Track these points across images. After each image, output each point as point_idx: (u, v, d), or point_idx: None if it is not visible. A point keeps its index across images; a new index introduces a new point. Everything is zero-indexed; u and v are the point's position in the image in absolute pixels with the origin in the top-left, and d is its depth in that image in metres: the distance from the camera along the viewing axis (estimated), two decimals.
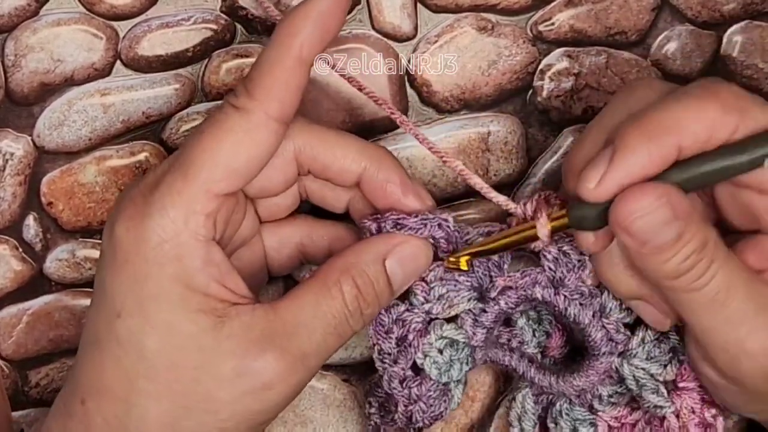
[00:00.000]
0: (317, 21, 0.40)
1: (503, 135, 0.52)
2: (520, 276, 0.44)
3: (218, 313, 0.39)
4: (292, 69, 0.40)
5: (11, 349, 0.52)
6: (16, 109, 0.50)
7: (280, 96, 0.40)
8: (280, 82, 0.40)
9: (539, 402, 0.47)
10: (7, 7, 0.49)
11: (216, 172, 0.39)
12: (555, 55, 0.51)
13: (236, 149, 0.40)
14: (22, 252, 0.51)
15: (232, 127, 0.40)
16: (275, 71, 0.40)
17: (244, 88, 0.40)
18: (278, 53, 0.40)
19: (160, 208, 0.39)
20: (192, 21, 0.50)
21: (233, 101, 0.40)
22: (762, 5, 0.51)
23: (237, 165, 0.40)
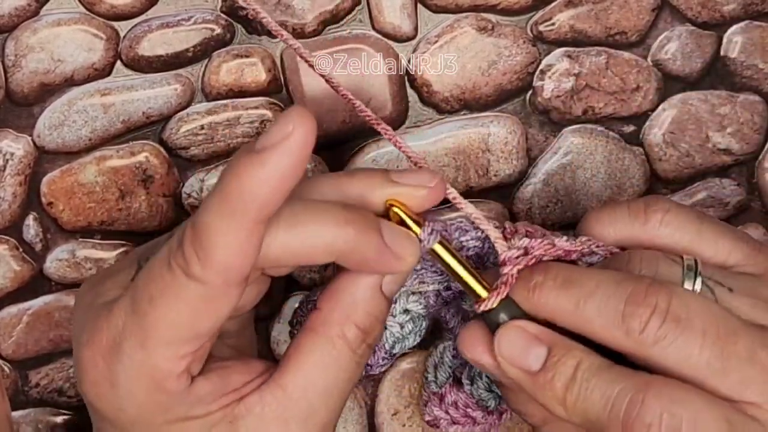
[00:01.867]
0: (274, 182, 0.34)
1: (503, 135, 0.52)
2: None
3: (229, 418, 0.38)
4: (248, 237, 0.34)
5: (11, 349, 0.52)
6: (16, 109, 0.50)
7: (239, 264, 0.35)
8: (238, 250, 0.34)
9: (458, 357, 0.46)
10: (7, 7, 0.49)
11: (176, 341, 0.36)
12: (555, 56, 0.51)
13: (194, 318, 0.36)
14: (22, 252, 0.51)
15: (186, 298, 0.35)
16: (231, 241, 0.34)
17: (196, 255, 0.34)
18: (231, 220, 0.34)
19: (125, 382, 0.37)
20: (192, 21, 0.50)
21: (185, 269, 0.35)
22: (762, 5, 0.51)
23: (198, 331, 0.36)
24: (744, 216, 0.54)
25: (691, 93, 0.53)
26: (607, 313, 0.37)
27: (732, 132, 0.53)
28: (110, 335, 0.37)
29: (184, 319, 0.36)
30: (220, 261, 0.34)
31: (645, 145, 0.53)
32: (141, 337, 0.36)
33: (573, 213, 0.53)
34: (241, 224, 0.34)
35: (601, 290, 0.37)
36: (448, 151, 0.52)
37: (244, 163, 0.34)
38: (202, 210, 0.35)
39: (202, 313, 0.36)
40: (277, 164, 0.33)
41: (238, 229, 0.34)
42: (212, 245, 0.34)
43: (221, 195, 0.34)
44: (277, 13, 0.50)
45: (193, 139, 0.51)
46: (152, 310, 0.36)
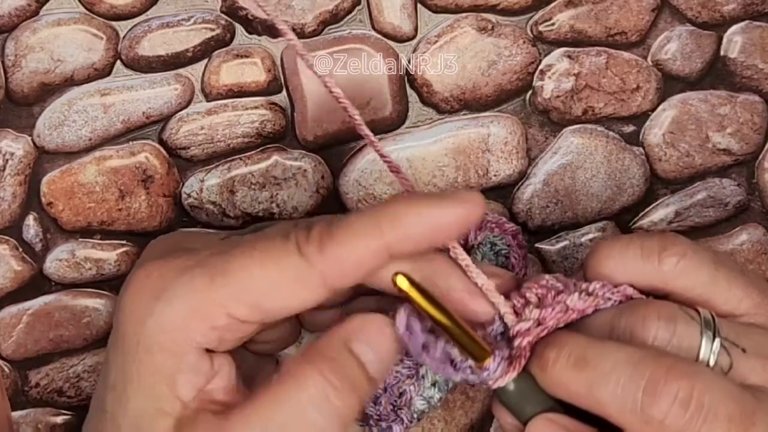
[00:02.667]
0: (428, 228, 0.36)
1: (503, 135, 0.52)
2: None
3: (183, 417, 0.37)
4: (374, 253, 0.36)
5: (11, 349, 0.52)
6: (16, 109, 0.50)
7: (346, 271, 0.36)
8: (355, 259, 0.36)
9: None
10: (7, 7, 0.49)
11: (242, 297, 0.36)
12: (555, 56, 0.52)
13: (274, 290, 0.36)
14: (22, 252, 0.51)
15: (283, 267, 0.36)
16: (356, 246, 0.35)
17: (320, 238, 0.36)
18: (372, 231, 0.35)
19: (171, 298, 0.37)
20: (192, 21, 0.50)
21: (302, 242, 0.36)
22: (762, 5, 0.51)
23: (266, 304, 0.36)
24: (744, 216, 0.54)
25: (691, 93, 0.53)
26: (625, 400, 0.35)
27: (732, 132, 0.53)
28: (187, 260, 0.37)
29: (264, 283, 0.36)
30: (333, 255, 0.35)
31: (645, 145, 0.53)
32: (213, 272, 0.36)
33: (573, 213, 0.53)
34: (371, 243, 0.35)
35: (617, 373, 0.36)
36: (448, 151, 0.52)
37: (411, 199, 0.36)
38: (349, 215, 0.36)
39: (282, 289, 0.36)
40: (436, 209, 0.35)
41: (367, 244, 0.35)
42: (338, 240, 0.35)
43: (376, 211, 0.36)
44: (277, 13, 0.50)
45: (193, 139, 0.51)
46: (244, 257, 0.36)
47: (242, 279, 0.36)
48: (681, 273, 0.39)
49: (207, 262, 0.37)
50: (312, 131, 0.51)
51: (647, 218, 0.54)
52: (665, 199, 0.54)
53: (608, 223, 0.54)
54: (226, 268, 0.36)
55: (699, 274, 0.39)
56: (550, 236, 0.54)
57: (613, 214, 0.53)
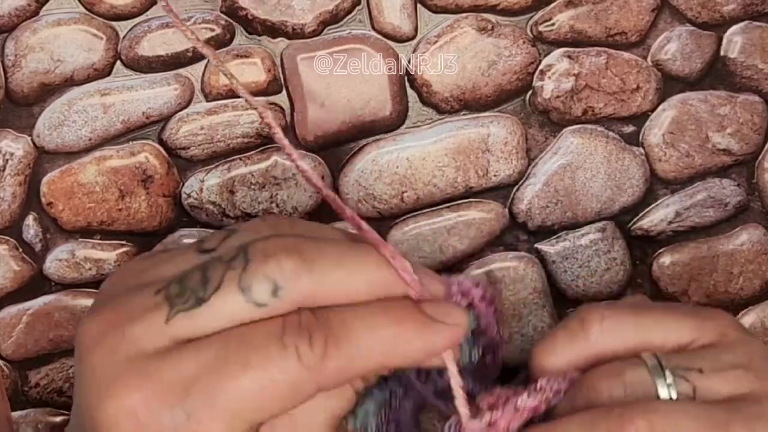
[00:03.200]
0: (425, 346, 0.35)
1: (503, 135, 0.52)
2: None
3: None
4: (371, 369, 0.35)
5: (11, 349, 0.52)
6: (16, 109, 0.50)
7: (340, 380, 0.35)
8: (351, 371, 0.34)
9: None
10: (7, 7, 0.49)
11: (241, 416, 0.34)
12: (555, 56, 0.52)
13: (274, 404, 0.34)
14: (22, 252, 0.51)
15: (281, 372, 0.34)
16: (357, 364, 0.34)
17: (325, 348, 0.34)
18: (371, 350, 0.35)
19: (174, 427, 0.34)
20: (192, 21, 0.50)
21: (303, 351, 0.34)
22: (762, 6, 0.51)
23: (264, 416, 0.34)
24: (744, 216, 0.54)
25: (691, 93, 0.53)
26: None
27: (732, 132, 0.53)
28: (172, 380, 0.34)
29: (265, 403, 0.34)
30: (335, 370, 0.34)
31: (645, 146, 0.53)
32: (212, 395, 0.34)
33: (573, 213, 0.53)
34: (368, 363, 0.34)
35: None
36: (448, 152, 0.52)
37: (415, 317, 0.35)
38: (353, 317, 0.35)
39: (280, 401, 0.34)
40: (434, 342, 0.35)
41: (365, 364, 0.35)
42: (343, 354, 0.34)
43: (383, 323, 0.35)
44: (277, 13, 0.50)
45: (192, 140, 0.51)
46: (243, 375, 0.34)
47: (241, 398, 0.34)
48: (607, 334, 0.39)
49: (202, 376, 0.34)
50: (312, 131, 0.51)
51: (647, 218, 0.54)
52: (665, 199, 0.54)
53: (608, 223, 0.54)
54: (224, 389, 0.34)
55: (624, 327, 0.39)
56: (549, 236, 0.54)
57: (613, 214, 0.53)
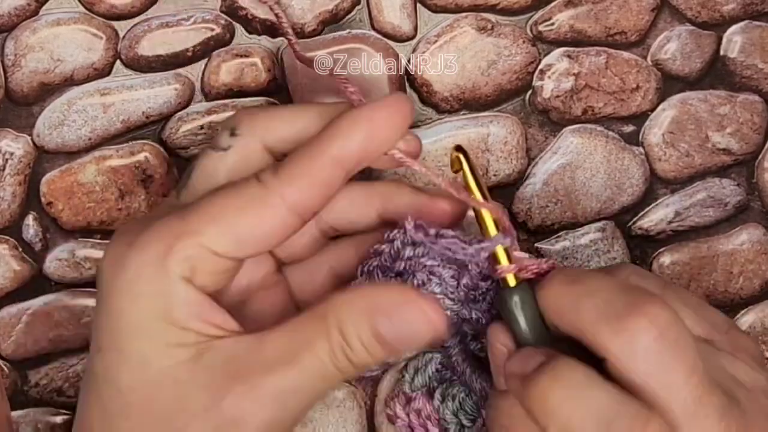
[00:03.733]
0: (366, 132, 0.38)
1: (503, 135, 0.52)
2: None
3: (199, 346, 0.37)
4: (323, 166, 0.38)
5: (11, 348, 0.52)
6: (15, 109, 0.50)
7: (302, 187, 0.38)
8: (307, 174, 0.38)
9: (441, 373, 0.47)
10: (7, 7, 0.49)
11: (211, 228, 0.37)
12: (555, 56, 0.52)
13: (240, 216, 0.38)
14: (22, 252, 0.51)
15: (245, 194, 0.38)
16: (305, 161, 0.38)
17: (274, 166, 0.38)
18: (315, 148, 0.38)
19: (145, 242, 0.37)
20: (192, 21, 0.50)
21: (259, 175, 0.38)
22: (762, 5, 0.51)
23: (235, 231, 0.38)
24: (744, 216, 0.54)
25: (691, 93, 0.53)
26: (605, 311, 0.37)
27: (732, 132, 0.53)
28: (157, 211, 0.39)
29: (230, 212, 0.38)
30: (286, 175, 0.38)
31: (645, 145, 0.53)
32: (184, 211, 0.38)
33: (573, 213, 0.53)
34: (317, 156, 0.38)
35: (603, 291, 0.38)
36: (448, 151, 0.52)
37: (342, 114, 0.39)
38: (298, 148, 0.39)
39: (247, 215, 0.37)
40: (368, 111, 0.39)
41: (313, 158, 0.38)
42: (288, 162, 0.38)
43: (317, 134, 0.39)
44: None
45: (192, 139, 0.51)
46: (209, 197, 0.38)
47: (210, 213, 0.38)
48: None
49: (179, 210, 0.38)
50: None
51: (647, 218, 0.54)
52: (665, 199, 0.54)
53: (608, 223, 0.54)
54: (194, 207, 0.38)
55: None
56: (549, 236, 0.54)
57: (613, 214, 0.53)
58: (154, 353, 0.37)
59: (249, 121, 0.41)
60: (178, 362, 0.37)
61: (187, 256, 0.37)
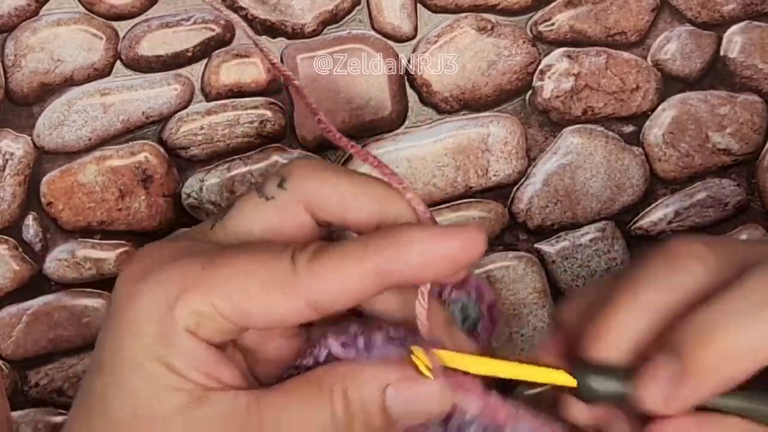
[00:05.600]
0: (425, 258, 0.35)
1: (503, 135, 0.52)
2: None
3: (197, 393, 0.36)
4: (362, 276, 0.35)
5: (11, 349, 0.52)
6: (15, 109, 0.50)
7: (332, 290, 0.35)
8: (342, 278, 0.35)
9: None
10: (7, 7, 0.49)
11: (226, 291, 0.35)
12: (555, 56, 0.52)
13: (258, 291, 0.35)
14: (22, 252, 0.51)
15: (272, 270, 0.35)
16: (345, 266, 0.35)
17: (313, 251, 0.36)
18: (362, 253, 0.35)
19: (159, 282, 0.36)
20: (192, 21, 0.50)
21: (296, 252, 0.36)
22: (762, 5, 0.51)
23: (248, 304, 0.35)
24: (744, 216, 0.54)
25: (691, 93, 0.53)
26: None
27: (732, 132, 0.53)
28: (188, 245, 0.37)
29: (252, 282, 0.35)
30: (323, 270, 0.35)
31: (645, 146, 0.53)
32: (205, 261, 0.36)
33: (573, 213, 0.53)
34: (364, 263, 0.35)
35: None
36: (447, 151, 0.52)
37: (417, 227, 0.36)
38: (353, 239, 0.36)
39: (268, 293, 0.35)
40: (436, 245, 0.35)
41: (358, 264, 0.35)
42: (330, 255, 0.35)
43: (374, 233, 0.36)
44: (277, 13, 0.50)
45: (192, 139, 0.51)
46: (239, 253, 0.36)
47: (231, 270, 0.36)
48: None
49: (203, 252, 0.37)
50: (312, 131, 0.51)
51: (647, 218, 0.54)
52: (665, 199, 0.54)
53: (608, 223, 0.54)
54: (218, 260, 0.36)
55: None
56: (549, 236, 0.54)
57: (613, 214, 0.53)
58: (149, 394, 0.36)
59: (300, 178, 0.38)
60: (172, 408, 0.36)
61: (194, 311, 0.36)
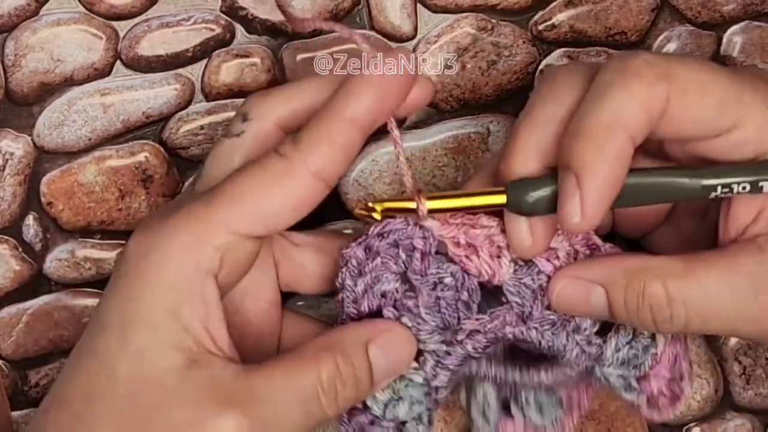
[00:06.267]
0: (377, 90, 0.39)
1: (503, 135, 0.52)
2: (489, 319, 0.41)
3: (192, 355, 0.37)
4: (341, 129, 0.39)
5: (11, 348, 0.52)
6: (15, 109, 0.50)
7: (324, 152, 0.38)
8: (327, 139, 0.38)
9: (500, 393, 0.44)
10: (7, 7, 0.49)
11: (239, 209, 0.38)
12: (555, 56, 0.52)
13: (266, 192, 0.38)
14: (22, 252, 0.51)
15: (268, 169, 0.38)
16: (323, 127, 0.39)
17: (292, 138, 0.39)
18: (330, 113, 0.39)
19: (173, 228, 0.38)
20: (192, 21, 0.50)
21: (278, 149, 0.39)
22: (762, 5, 0.51)
23: (263, 208, 0.38)
24: None
25: None
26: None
27: None
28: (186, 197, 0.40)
29: (255, 189, 0.38)
30: (306, 143, 0.38)
31: None
32: (209, 198, 0.38)
33: None
34: (334, 119, 0.38)
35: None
36: (447, 151, 0.52)
37: (353, 76, 0.39)
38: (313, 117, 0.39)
39: (273, 189, 0.38)
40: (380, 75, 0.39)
41: (330, 122, 0.38)
42: (306, 131, 0.39)
43: (329, 99, 0.39)
44: (277, 13, 0.50)
45: (193, 139, 0.51)
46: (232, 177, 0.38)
47: (234, 193, 0.38)
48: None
49: (203, 194, 0.39)
50: None
51: None
52: None
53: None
54: (219, 191, 0.38)
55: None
56: None
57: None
58: (153, 349, 0.37)
59: (260, 104, 0.42)
60: (170, 366, 0.37)
61: (217, 247, 0.38)
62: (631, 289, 0.39)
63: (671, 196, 0.39)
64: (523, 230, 0.40)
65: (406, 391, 0.41)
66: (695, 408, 0.51)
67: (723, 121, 0.38)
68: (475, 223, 0.41)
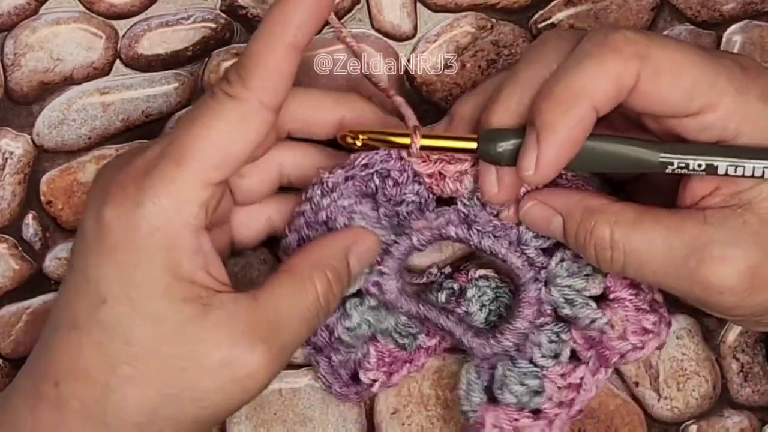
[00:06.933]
0: (309, 6, 0.40)
1: None
2: (434, 216, 0.45)
3: (203, 301, 0.40)
4: (284, 56, 0.40)
5: (10, 347, 0.52)
6: (15, 108, 0.50)
7: (274, 84, 0.40)
8: (274, 70, 0.40)
9: (481, 373, 0.47)
10: (7, 6, 0.49)
11: (209, 161, 0.40)
12: None
13: (230, 137, 0.40)
14: (22, 251, 0.51)
15: (226, 115, 0.40)
16: (269, 60, 0.40)
17: (238, 75, 0.40)
18: (271, 41, 0.40)
19: (153, 196, 0.39)
20: (191, 20, 0.50)
21: (227, 89, 0.40)
22: (762, 5, 0.51)
23: (230, 153, 0.40)
24: None
25: None
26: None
27: None
28: (145, 159, 0.40)
29: (219, 137, 0.40)
30: (256, 79, 0.40)
31: None
32: (176, 156, 0.39)
33: None
34: (276, 48, 0.40)
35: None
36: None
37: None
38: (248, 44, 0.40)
39: (236, 133, 0.40)
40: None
41: (274, 52, 0.40)
42: (251, 66, 0.40)
43: (262, 26, 0.40)
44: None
45: None
46: (190, 129, 0.40)
47: (200, 147, 0.40)
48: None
49: (165, 153, 0.40)
50: None
51: None
52: None
53: None
54: (183, 147, 0.40)
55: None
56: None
57: None
58: (168, 309, 0.39)
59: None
60: (188, 318, 0.39)
61: (199, 204, 0.40)
62: (583, 225, 0.42)
63: (630, 165, 0.41)
64: (492, 178, 0.43)
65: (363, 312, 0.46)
66: (693, 405, 0.51)
67: (692, 104, 0.39)
68: (450, 160, 0.44)
